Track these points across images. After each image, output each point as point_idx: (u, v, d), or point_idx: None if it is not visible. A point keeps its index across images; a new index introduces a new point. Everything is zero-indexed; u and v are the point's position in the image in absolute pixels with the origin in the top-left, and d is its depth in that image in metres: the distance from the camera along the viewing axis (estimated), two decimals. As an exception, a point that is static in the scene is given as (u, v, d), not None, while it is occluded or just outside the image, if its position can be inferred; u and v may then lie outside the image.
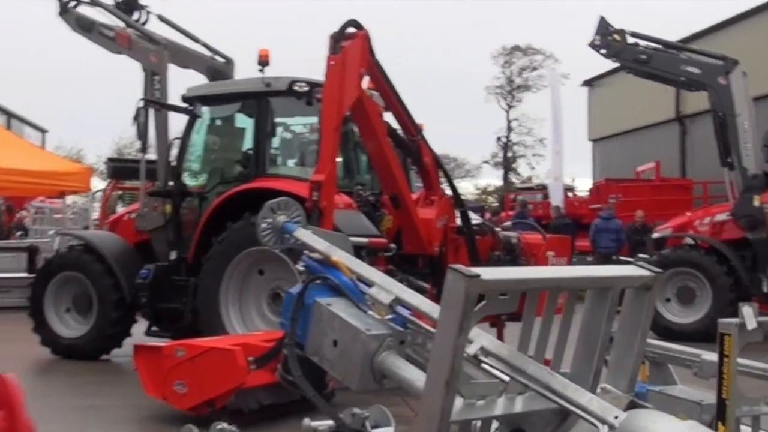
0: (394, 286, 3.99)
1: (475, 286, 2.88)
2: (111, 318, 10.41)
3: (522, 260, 10.11)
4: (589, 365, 3.45)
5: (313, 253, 4.64)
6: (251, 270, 9.53)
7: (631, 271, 3.47)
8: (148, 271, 10.22)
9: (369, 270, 4.19)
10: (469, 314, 2.94)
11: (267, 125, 9.89)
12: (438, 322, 3.22)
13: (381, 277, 4.13)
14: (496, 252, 10.09)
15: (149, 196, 10.56)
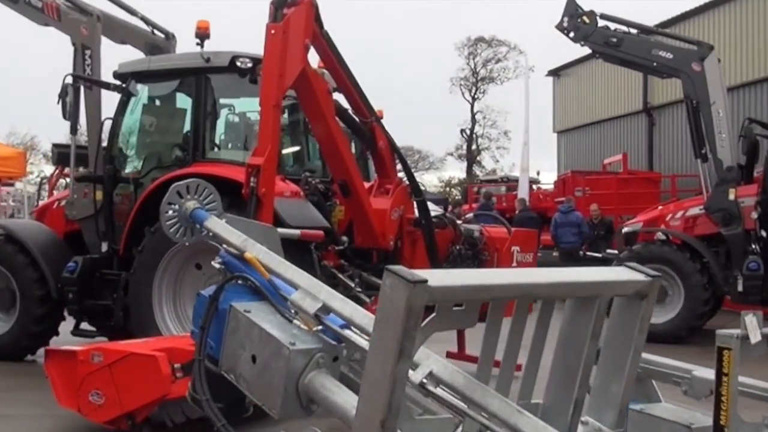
0: (322, 291, 3.18)
1: (420, 295, 2.09)
2: (35, 315, 9.49)
3: (484, 255, 9.34)
4: (568, 393, 2.68)
5: (228, 247, 3.86)
6: (187, 264, 8.67)
7: (621, 276, 2.70)
8: (75, 264, 9.32)
9: (291, 269, 3.39)
10: (413, 332, 2.15)
11: (207, 105, 9.01)
12: (371, 341, 2.42)
13: (306, 279, 3.32)
14: (456, 246, 9.30)
15: (78, 181, 9.62)
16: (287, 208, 8.07)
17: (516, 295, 2.29)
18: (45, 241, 9.73)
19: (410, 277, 2.05)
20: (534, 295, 2.34)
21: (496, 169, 50.41)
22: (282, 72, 7.01)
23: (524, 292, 2.24)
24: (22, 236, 9.59)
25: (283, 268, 3.47)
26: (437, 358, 2.43)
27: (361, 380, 2.41)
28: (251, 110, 9.58)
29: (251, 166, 6.78)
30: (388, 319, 2.10)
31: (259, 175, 6.75)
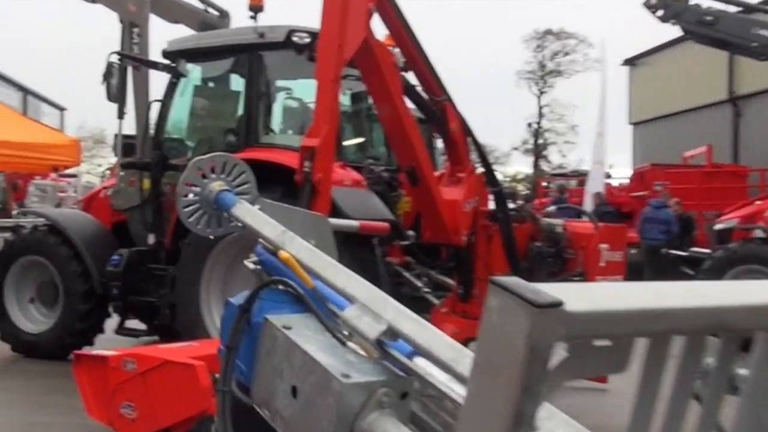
0: (387, 307, 2.30)
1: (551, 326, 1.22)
2: (79, 311, 8.82)
3: (568, 253, 8.37)
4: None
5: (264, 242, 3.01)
6: (238, 259, 7.86)
7: None
8: (120, 257, 8.63)
9: (344, 274, 2.53)
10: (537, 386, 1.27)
11: (260, 85, 8.21)
12: (469, 397, 1.49)
13: (365, 289, 2.44)
14: (536, 243, 8.33)
15: (124, 169, 8.93)
16: (347, 198, 7.25)
17: (706, 326, 1.41)
18: (89, 233, 9.07)
19: (535, 297, 1.17)
20: (725, 326, 1.46)
21: (562, 164, 49.03)
22: (341, 42, 6.14)
23: (720, 320, 1.37)
24: (65, 227, 8.94)
25: (331, 271, 2.61)
26: (565, 419, 1.54)
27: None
28: (309, 93, 8.77)
29: (305, 148, 5.94)
30: (496, 365, 1.23)
31: (314, 158, 5.90)
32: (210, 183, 3.38)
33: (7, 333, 9.21)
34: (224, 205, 3.30)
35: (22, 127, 14.80)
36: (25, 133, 14.38)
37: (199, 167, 3.45)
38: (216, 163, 3.45)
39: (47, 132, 15.08)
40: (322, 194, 5.92)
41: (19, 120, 15.62)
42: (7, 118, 14.74)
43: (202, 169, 3.48)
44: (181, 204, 3.38)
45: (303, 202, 5.80)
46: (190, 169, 3.41)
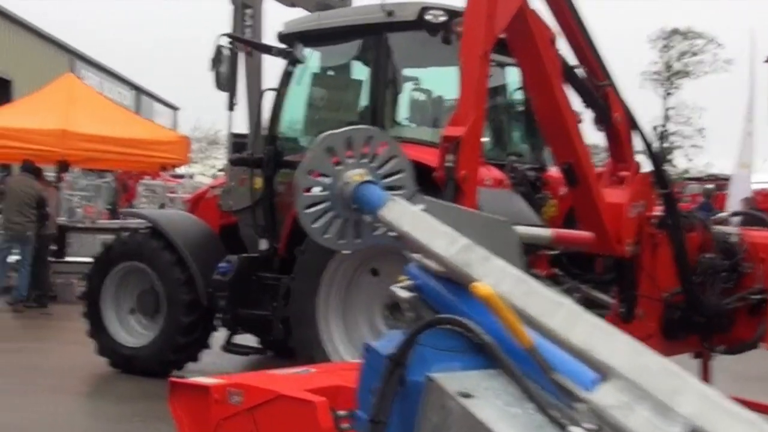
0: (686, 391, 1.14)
1: None
2: (182, 324, 7.94)
3: (745, 267, 7.01)
4: None
5: (428, 259, 2.00)
6: (361, 269, 6.90)
7: None
8: (228, 265, 7.71)
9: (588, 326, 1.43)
10: None
11: (387, 70, 7.15)
12: None
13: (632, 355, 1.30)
14: (707, 254, 7.00)
15: (234, 165, 7.99)
16: (490, 200, 6.12)
17: None
18: (195, 237, 8.18)
19: None
20: None
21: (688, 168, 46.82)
22: (491, 12, 4.99)
23: None
24: (168, 230, 8.07)
25: (563, 318, 1.53)
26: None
27: None
28: (441, 84, 7.67)
29: (448, 138, 4.81)
30: None
31: (458, 151, 4.76)
32: (345, 171, 2.34)
33: (105, 347, 8.41)
34: (368, 204, 2.28)
35: (130, 123, 14.22)
36: (133, 129, 13.80)
37: (329, 148, 2.40)
38: (354, 141, 2.40)
39: (155, 129, 14.49)
40: (467, 194, 4.78)
41: (127, 116, 15.07)
42: (115, 114, 14.18)
43: (334, 150, 2.43)
44: (303, 203, 2.36)
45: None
46: (316, 150, 2.37)
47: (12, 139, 12.97)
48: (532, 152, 7.49)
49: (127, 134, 13.36)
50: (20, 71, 28.66)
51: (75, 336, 9.61)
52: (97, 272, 8.48)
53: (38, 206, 12.30)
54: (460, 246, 2.03)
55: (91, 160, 14.37)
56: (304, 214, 2.35)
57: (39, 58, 30.48)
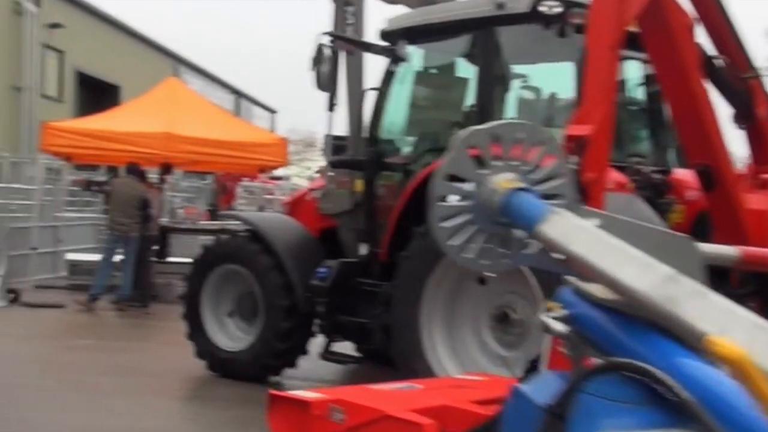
0: None
1: None
2: (280, 329, 7.74)
3: None
4: None
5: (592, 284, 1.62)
6: (467, 276, 6.54)
7: None
8: (327, 270, 7.47)
9: None
10: None
11: (497, 67, 6.81)
12: None
13: None
14: None
15: (334, 168, 7.75)
16: (612, 206, 5.72)
17: None
18: (294, 240, 7.97)
19: None
20: None
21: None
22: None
23: None
24: (268, 234, 7.88)
25: None
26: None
27: None
28: (553, 81, 7.26)
29: (572, 138, 4.45)
30: None
31: (584, 151, 4.39)
32: (492, 176, 1.99)
33: (203, 349, 8.29)
34: (522, 217, 1.92)
35: (230, 126, 14.21)
36: (234, 132, 13.77)
37: (472, 145, 2.07)
38: (503, 139, 2.06)
39: (255, 131, 14.45)
40: (594, 200, 4.41)
41: (227, 119, 15.08)
42: (215, 117, 14.19)
43: (480, 149, 2.09)
44: (438, 214, 2.01)
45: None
46: (459, 150, 2.03)
47: (118, 141, 13.11)
48: (655, 153, 7.02)
49: (228, 137, 13.33)
50: (128, 77, 29.31)
51: (174, 337, 9.57)
52: (197, 274, 8.36)
53: (142, 207, 12.38)
54: (660, 276, 1.60)
55: (194, 162, 14.42)
56: (439, 228, 2.00)
57: (145, 64, 31.14)
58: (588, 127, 4.39)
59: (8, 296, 12.39)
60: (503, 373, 6.31)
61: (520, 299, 6.31)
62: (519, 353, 6.29)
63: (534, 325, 6.23)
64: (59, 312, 12.18)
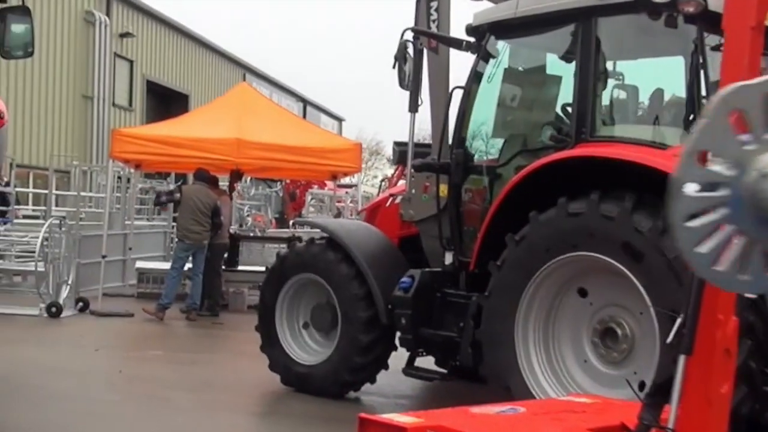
0: None
1: None
2: (360, 342, 7.29)
3: None
4: None
5: None
6: (567, 288, 6.04)
7: None
8: (411, 280, 7.01)
9: None
10: None
11: (597, 61, 6.27)
12: None
13: None
14: None
15: (417, 171, 7.29)
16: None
17: None
18: (374, 249, 7.53)
19: None
20: None
21: None
22: None
23: None
24: (347, 241, 7.45)
25: None
26: None
27: None
28: (657, 76, 6.70)
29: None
30: None
31: None
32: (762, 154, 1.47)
33: (278, 363, 7.87)
34: None
35: (302, 131, 13.86)
36: (305, 137, 13.42)
37: (735, 108, 1.57)
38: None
39: (327, 136, 14.07)
40: None
41: (298, 124, 14.75)
42: (286, 122, 13.87)
43: (746, 114, 1.59)
44: (683, 209, 1.49)
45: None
46: (713, 114, 1.53)
47: (188, 148, 12.84)
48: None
49: (300, 142, 12.98)
50: (197, 85, 29.37)
51: (246, 347, 9.24)
52: (271, 284, 7.97)
53: (213, 215, 12.08)
54: None
55: (265, 168, 14.11)
56: (682, 229, 1.49)
57: (214, 72, 31.21)
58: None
59: (78, 305, 12.20)
60: (606, 393, 5.78)
61: (626, 312, 5.76)
62: (624, 371, 5.74)
63: (642, 340, 5.68)
64: (128, 321, 11.95)
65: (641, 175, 5.51)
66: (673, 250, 5.19)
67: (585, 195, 5.70)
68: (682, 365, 3.54)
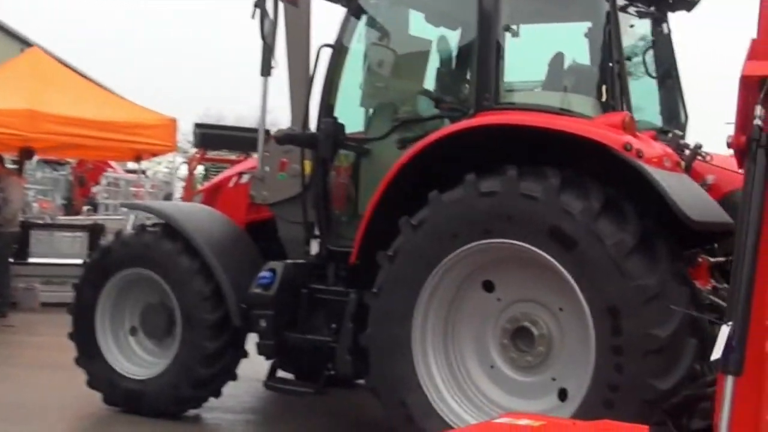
0: None
1: None
2: (205, 351, 6.08)
3: None
4: None
5: None
6: (470, 281, 5.09)
7: None
8: (271, 275, 5.86)
9: None
10: None
11: (498, 24, 5.35)
12: None
13: None
14: None
15: (280, 144, 6.09)
16: (678, 188, 4.46)
17: None
18: (222, 237, 6.32)
19: None
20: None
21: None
22: None
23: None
24: (188, 229, 6.18)
25: None
26: None
27: None
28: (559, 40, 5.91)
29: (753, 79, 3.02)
30: None
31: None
32: None
33: (99, 378, 6.49)
34: None
35: (105, 104, 12.19)
36: (109, 111, 11.79)
37: None
38: None
39: (136, 110, 12.40)
40: None
41: (103, 96, 12.99)
42: (88, 94, 12.17)
43: None
44: None
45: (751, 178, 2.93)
46: None
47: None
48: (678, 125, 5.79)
49: (104, 116, 11.37)
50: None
51: (50, 356, 7.75)
52: (90, 281, 6.54)
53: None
54: None
55: (62, 146, 12.28)
56: None
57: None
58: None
59: None
60: (518, 404, 4.92)
61: (542, 309, 4.91)
62: (540, 378, 4.91)
63: (561, 341, 4.85)
64: None
65: (565, 149, 4.69)
66: (612, 234, 4.40)
67: (498, 171, 4.78)
68: (730, 387, 2.70)
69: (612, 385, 4.34)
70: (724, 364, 2.61)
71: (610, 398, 4.34)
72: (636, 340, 4.27)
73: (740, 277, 2.68)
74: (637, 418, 3.90)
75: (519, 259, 4.86)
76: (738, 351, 2.59)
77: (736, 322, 2.61)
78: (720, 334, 2.66)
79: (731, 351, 2.57)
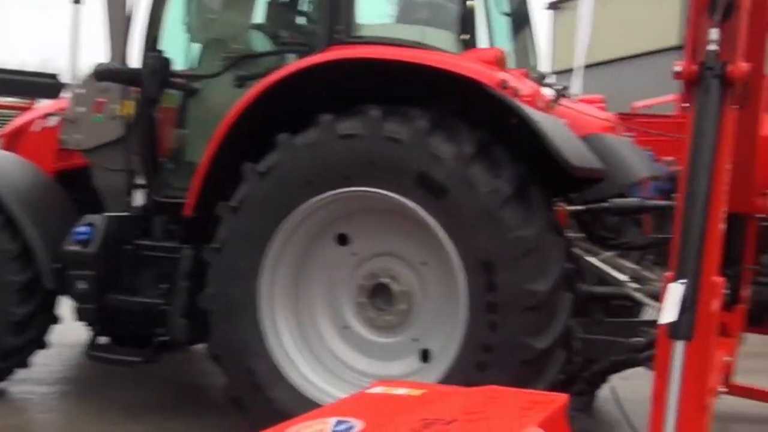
0: None
1: None
2: (13, 317, 5.35)
3: None
4: None
5: None
6: (322, 234, 4.63)
7: None
8: (90, 230, 5.16)
9: None
10: None
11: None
12: None
13: None
14: None
15: (100, 80, 5.32)
16: (555, 132, 4.17)
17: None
18: (29, 188, 5.55)
19: None
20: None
21: None
22: None
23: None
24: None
25: None
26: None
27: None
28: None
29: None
30: None
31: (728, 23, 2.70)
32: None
33: None
34: None
35: None
36: None
37: None
38: None
39: None
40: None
41: None
42: None
43: None
44: None
45: (704, 113, 2.62)
46: None
47: None
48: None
49: None
50: None
51: None
52: None
53: None
54: None
55: None
56: None
57: None
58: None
59: None
60: (379, 367, 4.56)
61: (403, 263, 4.53)
62: (400, 338, 4.55)
63: (424, 299, 4.49)
64: None
65: (430, 88, 4.29)
66: (487, 182, 4.04)
67: (358, 112, 4.31)
68: (680, 353, 2.40)
69: (486, 345, 4.02)
70: (674, 329, 2.32)
71: (483, 359, 4.02)
72: (512, 296, 3.95)
73: (692, 228, 2.39)
74: (511, 381, 3.61)
75: (378, 210, 4.44)
76: (689, 313, 2.30)
77: (689, 280, 2.32)
78: (669, 293, 2.35)
79: (683, 313, 2.28)
